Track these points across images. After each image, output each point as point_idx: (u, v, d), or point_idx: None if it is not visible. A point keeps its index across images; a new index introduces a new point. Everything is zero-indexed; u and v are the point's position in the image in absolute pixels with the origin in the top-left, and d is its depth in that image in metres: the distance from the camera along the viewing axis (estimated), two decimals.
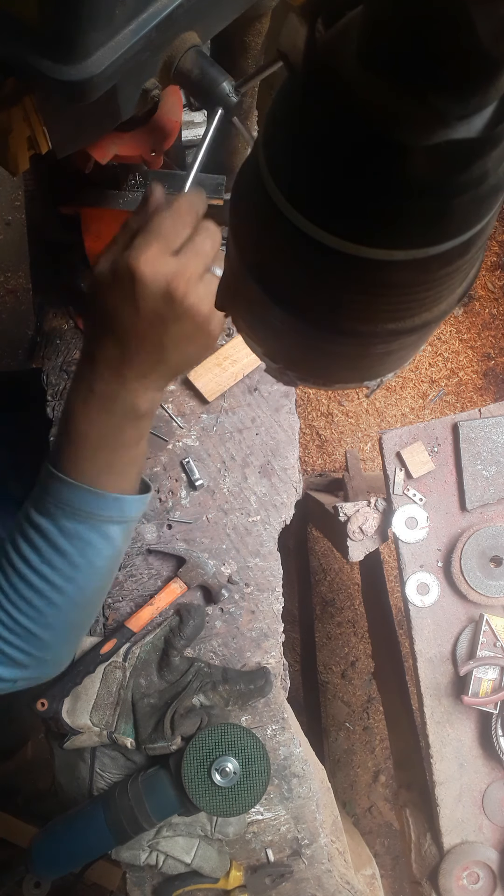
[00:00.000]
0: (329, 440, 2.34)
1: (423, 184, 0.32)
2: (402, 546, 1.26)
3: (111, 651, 1.10)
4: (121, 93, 0.64)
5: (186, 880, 1.10)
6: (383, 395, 2.35)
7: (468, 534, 1.22)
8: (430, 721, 1.24)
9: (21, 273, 2.36)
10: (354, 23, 0.31)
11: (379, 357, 0.47)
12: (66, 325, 1.23)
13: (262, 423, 1.21)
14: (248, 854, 1.16)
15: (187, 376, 1.19)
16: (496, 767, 1.24)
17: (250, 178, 0.40)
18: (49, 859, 1.05)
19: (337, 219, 0.35)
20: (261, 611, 1.16)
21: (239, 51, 0.83)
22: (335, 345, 0.44)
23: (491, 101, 0.30)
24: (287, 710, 1.16)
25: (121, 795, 1.04)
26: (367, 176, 0.33)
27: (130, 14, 0.58)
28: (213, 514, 1.18)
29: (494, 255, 2.39)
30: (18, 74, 0.58)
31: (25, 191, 1.23)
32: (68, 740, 1.08)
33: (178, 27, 0.64)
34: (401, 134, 0.31)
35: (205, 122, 1.13)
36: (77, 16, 0.53)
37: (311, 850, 1.16)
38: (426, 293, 0.40)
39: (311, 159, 0.35)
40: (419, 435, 1.27)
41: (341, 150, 0.33)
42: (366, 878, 1.37)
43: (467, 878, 1.24)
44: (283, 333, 0.47)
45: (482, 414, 1.27)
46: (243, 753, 1.05)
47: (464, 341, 2.37)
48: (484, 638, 1.21)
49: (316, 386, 0.53)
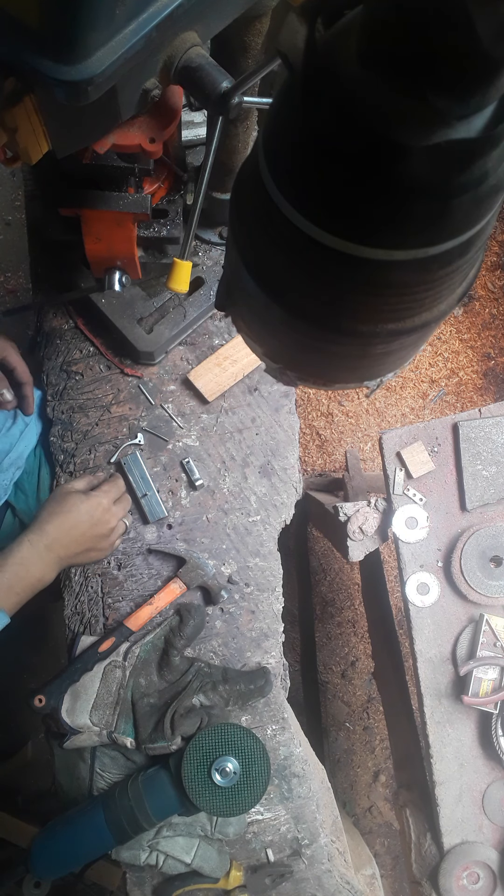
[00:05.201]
0: (329, 440, 2.34)
1: (423, 184, 0.32)
2: (402, 546, 1.26)
3: (110, 649, 1.10)
4: (121, 93, 0.64)
5: (186, 880, 1.10)
6: (383, 395, 2.35)
7: (468, 534, 1.22)
8: (430, 721, 1.24)
9: (21, 273, 2.36)
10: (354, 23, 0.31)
11: (379, 357, 0.47)
12: (66, 325, 1.23)
13: (262, 423, 1.21)
14: (248, 854, 1.16)
15: (187, 376, 1.20)
16: (496, 767, 1.24)
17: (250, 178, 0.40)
18: (49, 859, 1.05)
19: (337, 219, 0.35)
20: (261, 611, 1.16)
21: (239, 51, 0.83)
22: (335, 345, 0.44)
23: (491, 101, 0.30)
24: (287, 710, 1.17)
25: (121, 795, 1.04)
26: (367, 176, 0.33)
27: (130, 14, 0.58)
28: (213, 514, 1.18)
29: (494, 255, 2.39)
30: (19, 74, 0.58)
31: (25, 191, 1.23)
32: (68, 740, 1.08)
33: (178, 27, 0.64)
34: (401, 134, 0.31)
35: (205, 123, 1.13)
36: (77, 16, 0.53)
37: (311, 850, 1.16)
38: (426, 293, 0.40)
39: (311, 159, 0.35)
40: (419, 435, 1.27)
41: (341, 150, 0.33)
42: (366, 878, 1.37)
43: (467, 878, 1.24)
44: (283, 333, 0.47)
45: (482, 414, 1.27)
46: (243, 753, 1.05)
47: (464, 341, 2.37)
48: (484, 638, 1.21)
49: (316, 386, 0.53)
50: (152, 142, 0.80)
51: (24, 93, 0.60)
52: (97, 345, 1.21)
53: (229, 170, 1.07)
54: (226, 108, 0.69)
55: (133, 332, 1.16)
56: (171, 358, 1.22)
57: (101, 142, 0.79)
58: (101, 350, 1.21)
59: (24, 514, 1.24)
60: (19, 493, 1.25)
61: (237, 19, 0.71)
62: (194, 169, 1.10)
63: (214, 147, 0.76)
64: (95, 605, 1.16)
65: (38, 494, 1.24)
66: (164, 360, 1.22)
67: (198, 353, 1.22)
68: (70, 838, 1.05)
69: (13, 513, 1.25)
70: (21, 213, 2.37)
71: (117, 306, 1.16)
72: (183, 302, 1.18)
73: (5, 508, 1.24)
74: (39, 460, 1.25)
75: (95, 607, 1.16)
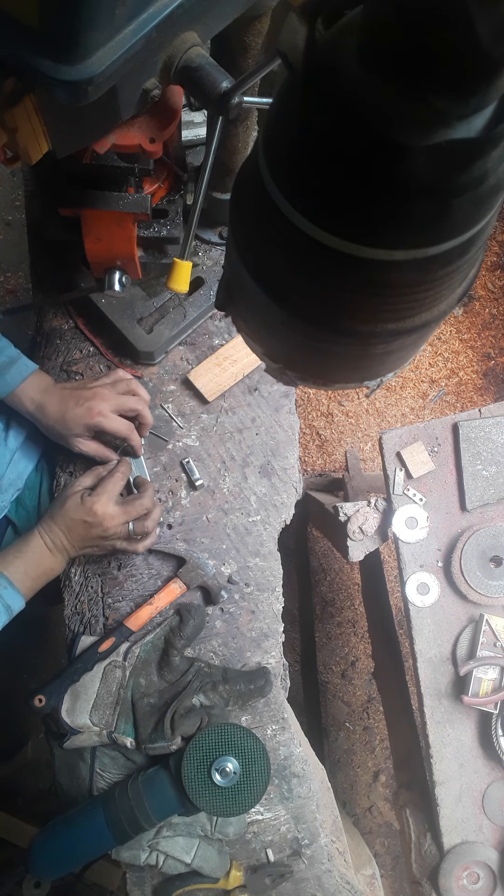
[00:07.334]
0: (329, 440, 2.34)
1: (423, 184, 0.32)
2: (402, 546, 1.26)
3: (109, 649, 1.10)
4: (121, 93, 0.64)
5: (186, 880, 1.10)
6: (383, 395, 2.35)
7: (468, 534, 1.22)
8: (430, 721, 1.24)
9: (21, 273, 2.36)
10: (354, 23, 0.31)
11: (379, 357, 0.47)
12: (66, 325, 1.23)
13: (262, 423, 1.21)
14: (248, 854, 1.16)
15: (187, 376, 1.20)
16: (496, 767, 1.24)
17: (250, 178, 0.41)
18: (49, 859, 1.05)
19: (337, 219, 0.35)
20: (261, 611, 1.16)
21: (239, 51, 0.83)
22: (335, 345, 0.44)
23: (491, 101, 0.30)
24: (287, 710, 1.16)
25: (121, 795, 1.04)
26: (368, 176, 0.33)
27: (130, 14, 0.58)
28: (213, 514, 1.18)
29: (494, 255, 2.39)
30: (19, 74, 0.58)
31: (25, 191, 1.23)
32: (68, 740, 1.08)
33: (178, 27, 0.64)
34: (401, 134, 0.31)
35: (204, 123, 1.13)
36: (77, 16, 0.53)
37: (311, 850, 1.16)
38: (426, 293, 0.40)
39: (311, 159, 0.35)
40: (419, 435, 1.27)
41: (341, 150, 0.33)
42: (366, 878, 1.37)
43: (467, 878, 1.24)
44: (283, 333, 0.47)
45: (482, 414, 1.27)
46: (243, 753, 1.05)
47: (464, 341, 2.37)
48: (484, 638, 1.21)
49: (316, 386, 0.53)
50: (152, 142, 0.80)
51: (24, 93, 0.60)
52: (97, 345, 1.21)
53: (229, 170, 1.07)
54: (226, 108, 0.69)
55: (133, 332, 1.16)
56: (171, 358, 1.22)
57: (101, 142, 0.79)
58: (101, 350, 1.21)
59: (25, 531, 1.24)
60: (20, 509, 1.25)
61: (237, 19, 0.71)
62: (194, 169, 1.10)
63: (214, 147, 0.77)
64: (95, 605, 1.16)
65: (38, 510, 1.24)
66: (164, 360, 1.22)
67: (198, 353, 1.22)
68: (70, 838, 1.05)
69: (14, 529, 1.25)
70: (21, 213, 2.37)
71: (117, 306, 1.16)
72: (183, 302, 1.18)
73: (6, 524, 1.24)
74: (41, 475, 1.25)
75: (95, 607, 1.16)
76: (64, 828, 1.06)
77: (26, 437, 1.21)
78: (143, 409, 1.10)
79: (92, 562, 1.17)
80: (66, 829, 1.06)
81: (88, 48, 0.56)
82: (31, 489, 1.25)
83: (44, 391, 1.08)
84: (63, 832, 1.05)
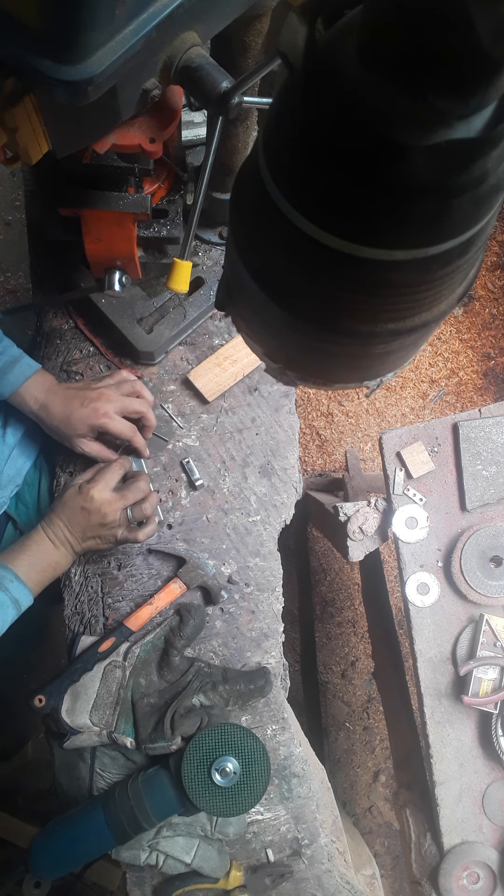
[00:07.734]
0: (329, 440, 2.34)
1: (423, 184, 0.32)
2: (402, 546, 1.26)
3: (109, 649, 1.10)
4: (121, 93, 0.64)
5: (186, 880, 1.10)
6: (383, 395, 2.35)
7: (468, 534, 1.22)
8: (430, 721, 1.24)
9: (21, 273, 2.36)
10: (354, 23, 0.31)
11: (379, 357, 0.47)
12: (66, 325, 1.23)
13: (262, 423, 1.21)
14: (248, 854, 1.16)
15: (187, 376, 1.20)
16: (496, 767, 1.24)
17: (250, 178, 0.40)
18: (49, 859, 1.05)
19: (337, 218, 0.35)
20: (261, 611, 1.16)
21: (239, 51, 0.83)
22: (335, 345, 0.44)
23: (491, 101, 0.30)
24: (287, 710, 1.16)
25: (121, 795, 1.04)
26: (368, 176, 0.33)
27: (130, 14, 0.58)
28: (213, 514, 1.18)
29: (494, 255, 2.39)
30: (19, 74, 0.58)
31: (25, 191, 1.23)
32: (68, 740, 1.08)
33: (178, 27, 0.64)
34: (401, 134, 0.31)
35: (204, 123, 1.13)
36: (77, 16, 0.53)
37: (311, 850, 1.16)
38: (426, 293, 0.40)
39: (311, 159, 0.35)
40: (419, 435, 1.27)
41: (341, 150, 0.33)
42: (366, 878, 1.37)
43: (467, 878, 1.24)
44: (283, 333, 0.47)
45: (482, 414, 1.27)
46: (243, 753, 1.05)
47: (464, 341, 2.37)
48: (484, 638, 1.21)
49: (316, 386, 0.53)
50: (152, 142, 0.80)
51: (24, 93, 0.60)
52: (97, 345, 1.21)
53: (229, 170, 1.07)
54: (226, 108, 0.69)
55: (133, 332, 1.16)
56: (171, 358, 1.22)
57: (101, 142, 0.79)
58: (101, 350, 1.21)
59: (26, 527, 1.24)
60: (20, 506, 1.25)
61: (237, 19, 0.71)
62: (194, 169, 1.10)
63: (214, 147, 0.76)
64: (95, 605, 1.16)
65: (38, 506, 1.25)
66: (164, 360, 1.22)
67: (198, 353, 1.22)
68: (70, 838, 1.05)
69: (14, 525, 1.25)
70: (21, 213, 2.37)
71: (117, 306, 1.16)
72: (183, 302, 1.18)
73: (6, 521, 1.24)
74: (40, 472, 1.25)
75: (95, 607, 1.16)
76: (64, 828, 1.06)
77: (24, 433, 1.21)
78: (147, 411, 1.11)
79: (92, 562, 1.17)
80: (66, 829, 1.06)
81: (88, 48, 0.56)
82: (31, 485, 1.25)
83: (47, 391, 1.08)
84: (63, 832, 1.05)
